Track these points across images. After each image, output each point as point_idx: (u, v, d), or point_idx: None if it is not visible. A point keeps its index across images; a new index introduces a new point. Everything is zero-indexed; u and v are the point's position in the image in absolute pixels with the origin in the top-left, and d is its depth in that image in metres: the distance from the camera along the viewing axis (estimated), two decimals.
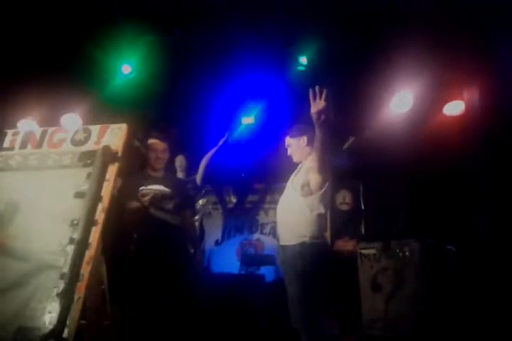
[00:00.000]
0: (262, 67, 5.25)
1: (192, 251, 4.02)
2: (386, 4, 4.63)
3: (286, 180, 3.48)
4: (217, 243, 6.31)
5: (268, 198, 6.31)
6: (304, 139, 3.47)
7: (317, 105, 2.99)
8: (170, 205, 3.83)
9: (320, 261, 3.21)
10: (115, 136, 2.78)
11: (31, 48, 4.93)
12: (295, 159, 3.52)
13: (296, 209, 3.27)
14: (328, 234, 3.89)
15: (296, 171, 3.46)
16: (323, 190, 3.26)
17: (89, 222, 2.47)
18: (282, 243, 3.32)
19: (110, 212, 2.56)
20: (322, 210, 3.26)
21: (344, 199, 6.09)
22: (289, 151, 3.55)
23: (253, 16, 4.76)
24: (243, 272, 5.46)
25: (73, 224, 2.53)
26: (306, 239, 3.17)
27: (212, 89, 5.40)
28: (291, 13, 4.71)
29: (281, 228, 3.39)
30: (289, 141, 3.52)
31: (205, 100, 5.48)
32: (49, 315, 2.35)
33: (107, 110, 4.96)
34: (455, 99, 5.32)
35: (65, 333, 2.25)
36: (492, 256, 4.58)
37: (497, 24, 4.58)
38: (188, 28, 5.12)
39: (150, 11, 4.85)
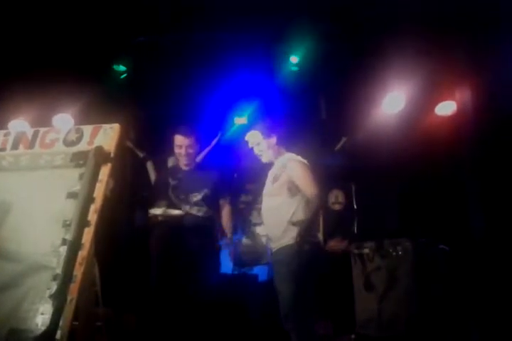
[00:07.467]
0: (254, 67, 5.25)
1: (220, 238, 4.21)
2: (378, 5, 4.65)
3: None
4: None
5: (261, 198, 6.28)
6: (274, 139, 3.45)
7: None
8: (196, 198, 4.01)
9: (313, 261, 3.21)
10: (108, 136, 2.75)
11: (21, 48, 4.90)
12: (264, 159, 3.49)
13: (285, 210, 3.27)
14: (320, 234, 3.89)
15: (272, 174, 3.43)
16: None
17: (82, 222, 2.44)
18: (274, 244, 3.31)
19: (103, 212, 2.55)
20: None
21: (337, 198, 6.09)
22: (257, 150, 3.50)
23: (246, 16, 4.76)
24: (236, 272, 5.45)
25: (66, 225, 2.50)
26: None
27: (205, 89, 5.39)
28: (285, 13, 4.71)
29: (272, 229, 3.38)
30: (257, 138, 3.47)
31: (197, 100, 5.47)
32: (42, 317, 2.32)
33: (99, 110, 4.94)
34: (447, 100, 5.35)
35: (58, 334, 2.23)
36: (485, 255, 4.60)
37: (489, 25, 4.60)
38: (180, 28, 5.11)
39: (142, 11, 4.83)
